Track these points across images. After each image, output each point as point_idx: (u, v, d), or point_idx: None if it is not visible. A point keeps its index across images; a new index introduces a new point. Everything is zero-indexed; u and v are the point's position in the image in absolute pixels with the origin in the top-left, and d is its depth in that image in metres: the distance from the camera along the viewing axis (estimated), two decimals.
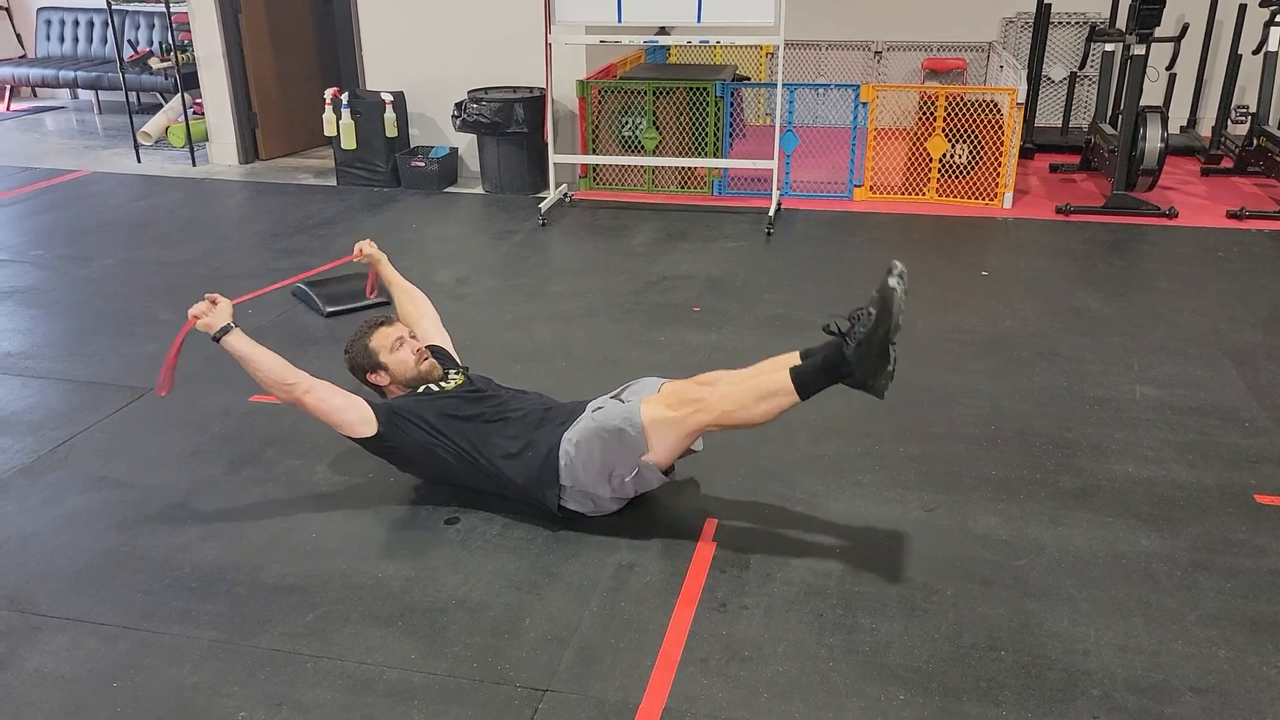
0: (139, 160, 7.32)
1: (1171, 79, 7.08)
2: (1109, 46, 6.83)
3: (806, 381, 2.66)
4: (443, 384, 3.00)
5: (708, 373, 2.95)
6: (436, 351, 3.20)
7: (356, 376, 3.06)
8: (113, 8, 7.51)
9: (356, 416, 2.81)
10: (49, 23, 9.12)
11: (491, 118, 6.15)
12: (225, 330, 2.79)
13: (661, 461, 2.75)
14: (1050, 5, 7.13)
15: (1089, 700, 2.20)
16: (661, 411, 2.70)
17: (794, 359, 2.75)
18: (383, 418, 2.83)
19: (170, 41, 7.58)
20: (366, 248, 3.52)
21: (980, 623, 2.45)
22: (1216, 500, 2.96)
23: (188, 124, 7.19)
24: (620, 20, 5.63)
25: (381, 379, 3.00)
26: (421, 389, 2.97)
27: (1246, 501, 2.95)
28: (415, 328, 3.33)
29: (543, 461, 2.77)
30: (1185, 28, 6.55)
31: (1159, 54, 6.58)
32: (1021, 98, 5.91)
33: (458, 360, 3.28)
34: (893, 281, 2.53)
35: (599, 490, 2.76)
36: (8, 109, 9.24)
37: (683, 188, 6.49)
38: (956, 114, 6.05)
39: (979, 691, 2.23)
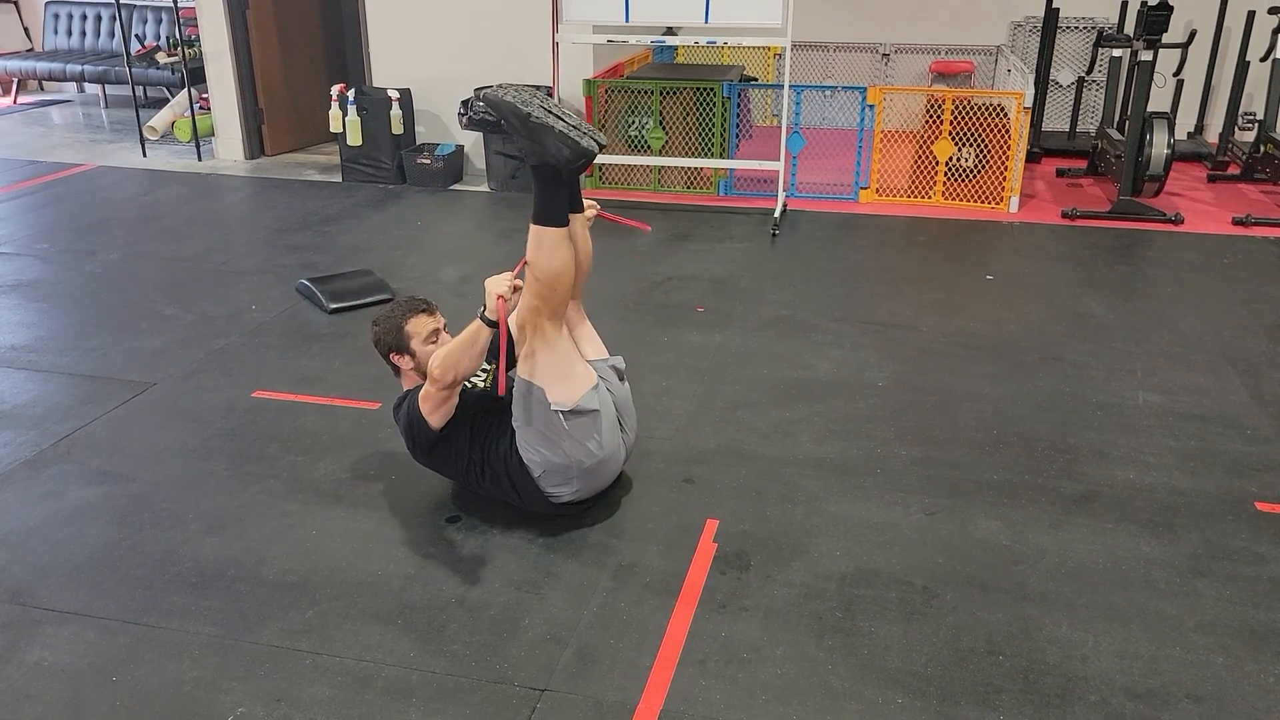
0: (145, 155, 7.33)
1: (1179, 85, 7.07)
2: (1116, 52, 6.82)
3: (536, 210, 2.65)
4: (476, 381, 2.97)
5: None
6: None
7: (378, 350, 2.96)
8: (120, 2, 7.52)
9: (448, 412, 2.75)
10: (56, 16, 9.14)
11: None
12: (493, 324, 2.61)
13: (572, 390, 2.68)
14: (1058, 10, 7.12)
15: (1086, 706, 2.20)
16: (523, 356, 2.70)
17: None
18: (453, 419, 2.79)
19: (177, 36, 7.59)
20: (590, 212, 2.99)
21: (979, 627, 2.45)
22: (1217, 507, 2.96)
23: (194, 119, 7.20)
24: (628, 20, 5.63)
25: (404, 363, 2.94)
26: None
27: (1247, 509, 2.95)
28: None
29: (518, 466, 2.77)
30: (1193, 34, 6.55)
31: (1166, 60, 6.59)
32: (1029, 102, 5.90)
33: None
34: (488, 91, 2.63)
35: (565, 454, 2.70)
36: (14, 102, 9.26)
37: (689, 188, 6.49)
38: (963, 117, 6.04)
39: (977, 696, 2.23)
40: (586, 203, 2.97)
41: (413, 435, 2.81)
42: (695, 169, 6.43)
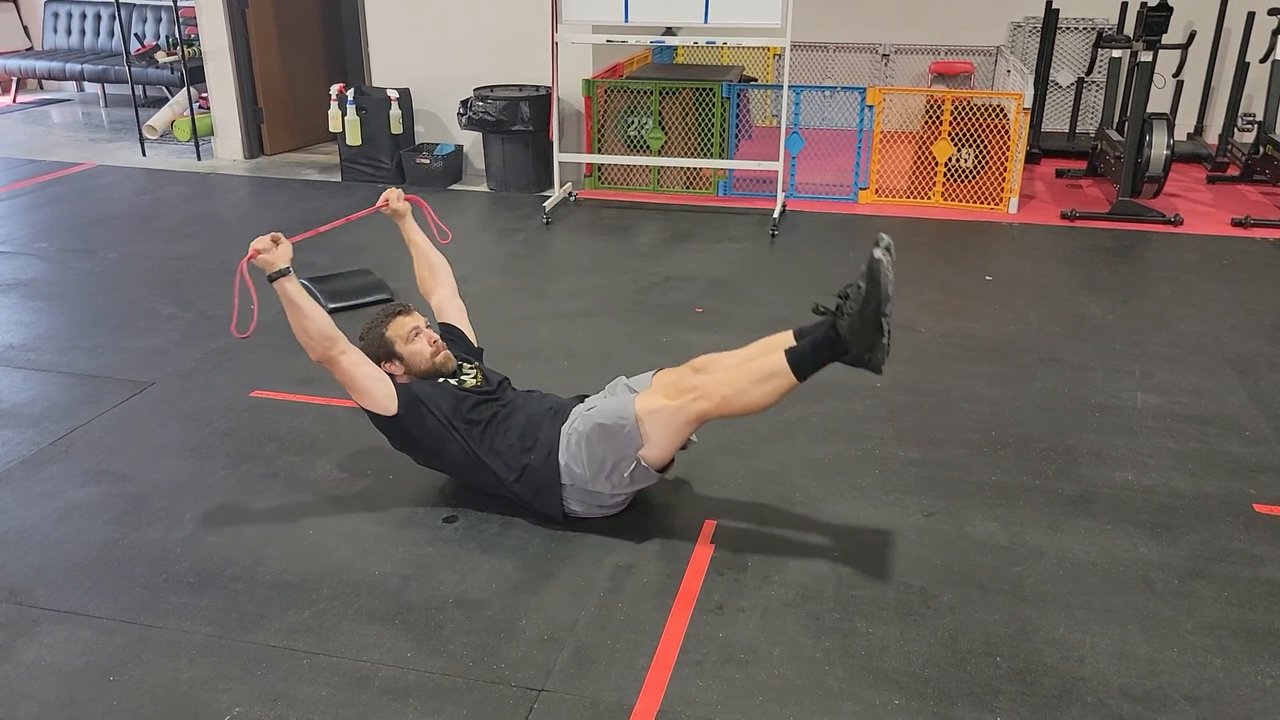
0: (144, 154, 7.34)
1: (1178, 86, 7.07)
2: (1116, 53, 6.82)
3: (801, 361, 2.62)
4: (461, 378, 2.98)
5: (700, 357, 2.93)
6: (452, 333, 3.18)
7: None
8: (120, 1, 7.52)
9: (383, 392, 2.79)
10: (56, 15, 9.14)
11: (497, 116, 6.15)
12: (284, 272, 2.69)
13: (659, 455, 2.72)
14: (1058, 11, 7.12)
15: (1084, 707, 2.20)
16: (658, 401, 2.69)
17: (788, 339, 2.73)
18: (403, 399, 2.81)
19: (177, 35, 7.58)
20: (393, 200, 3.25)
21: (977, 628, 2.45)
22: (1215, 509, 2.96)
23: (193, 118, 7.20)
24: (627, 20, 5.63)
25: (395, 369, 2.96)
26: (440, 380, 2.95)
27: (1245, 511, 2.95)
28: (430, 296, 3.29)
29: (543, 463, 2.78)
30: (1193, 35, 6.55)
31: (1166, 61, 6.59)
32: (1028, 103, 5.91)
33: (473, 341, 3.24)
34: (878, 253, 2.50)
35: (598, 488, 2.76)
36: (14, 101, 9.26)
37: (688, 188, 6.49)
38: (963, 118, 6.05)
39: (974, 697, 2.23)
40: (396, 193, 3.22)
41: (383, 432, 2.87)
42: (694, 169, 6.43)
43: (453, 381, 2.94)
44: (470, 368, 3.05)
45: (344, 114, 6.49)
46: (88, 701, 2.20)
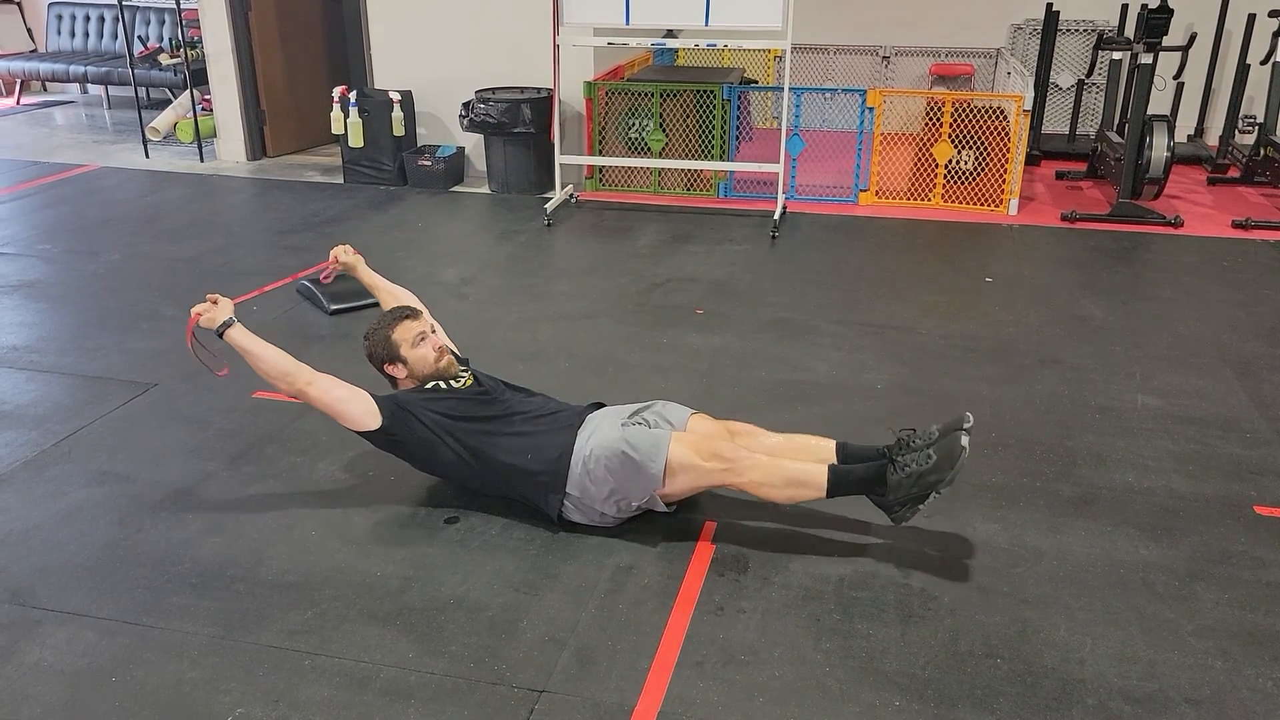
0: (147, 156, 7.35)
1: (1179, 88, 7.08)
2: (1117, 55, 6.82)
3: (838, 486, 2.71)
4: (453, 382, 3.00)
5: (738, 422, 2.98)
6: None
7: (373, 365, 3.03)
8: (123, 3, 7.54)
9: (360, 409, 2.81)
10: (60, 17, 9.16)
11: (499, 118, 6.16)
12: (227, 325, 2.84)
13: (672, 495, 2.79)
14: (1059, 13, 7.12)
15: (1084, 709, 2.20)
16: (690, 458, 2.72)
17: (830, 450, 2.86)
18: (387, 411, 2.83)
19: (180, 38, 7.60)
20: (342, 255, 3.36)
21: (977, 630, 2.45)
22: (1216, 511, 2.96)
23: (196, 120, 7.22)
24: (628, 22, 5.64)
25: (398, 371, 2.98)
26: (430, 385, 2.96)
27: (1246, 513, 2.95)
28: None
29: (550, 466, 2.78)
30: (1193, 37, 6.55)
31: (1167, 63, 6.59)
32: (1029, 104, 5.91)
33: (458, 354, 3.29)
34: (965, 440, 2.61)
35: (604, 509, 2.79)
36: (18, 103, 9.27)
37: (689, 190, 6.50)
38: (963, 120, 6.05)
39: (974, 699, 2.23)
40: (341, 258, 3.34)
41: (376, 445, 2.90)
42: (695, 171, 6.44)
43: (443, 385, 2.96)
44: (464, 371, 3.07)
45: (346, 116, 6.50)
46: (90, 703, 2.21)
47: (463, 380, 3.01)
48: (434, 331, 3.04)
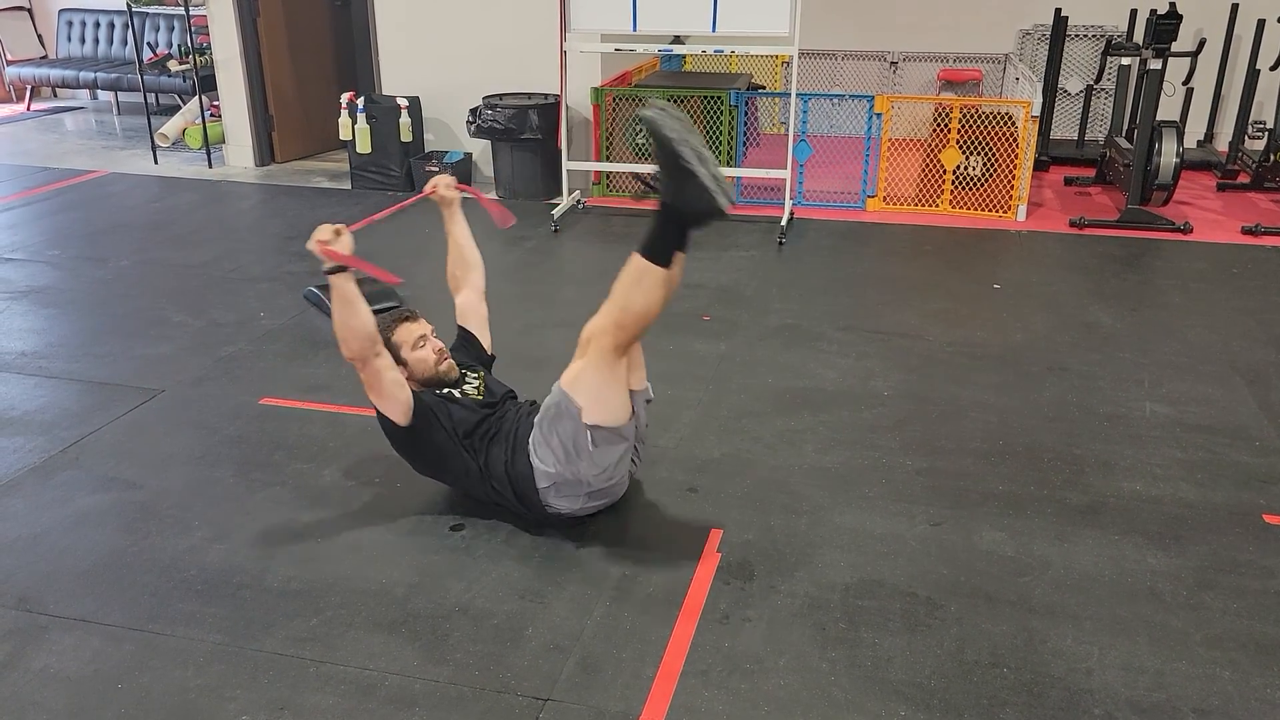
0: (156, 161, 7.38)
1: (1188, 94, 7.05)
2: (1125, 60, 6.81)
3: (650, 247, 2.61)
4: (463, 388, 2.99)
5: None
6: (466, 338, 3.22)
7: None
8: (133, 10, 7.57)
9: (404, 399, 2.78)
10: (70, 24, 9.20)
11: (506, 124, 6.17)
12: (342, 269, 2.61)
13: (606, 411, 2.70)
14: (1067, 18, 7.11)
15: (1091, 719, 2.19)
16: (573, 368, 2.72)
17: None
18: (417, 411, 2.81)
19: (189, 44, 7.64)
20: (441, 187, 3.22)
21: (983, 639, 2.44)
22: (1225, 520, 2.94)
23: (205, 126, 7.25)
24: (635, 28, 5.64)
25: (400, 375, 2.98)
26: (445, 391, 2.96)
27: (1255, 521, 2.93)
28: (456, 294, 3.30)
29: (517, 462, 2.78)
30: (1202, 43, 6.53)
31: (1176, 68, 6.56)
32: (1037, 110, 5.90)
33: (487, 349, 3.26)
34: (649, 113, 2.51)
35: (579, 474, 2.72)
36: (28, 109, 9.32)
37: None
38: (971, 126, 6.04)
39: (981, 709, 2.22)
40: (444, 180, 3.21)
41: (390, 437, 2.87)
42: None
43: (456, 393, 2.95)
44: (474, 376, 3.05)
45: (354, 122, 6.52)
46: (96, 709, 2.22)
47: (473, 386, 3.00)
48: (435, 335, 3.03)
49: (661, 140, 2.51)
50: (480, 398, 2.98)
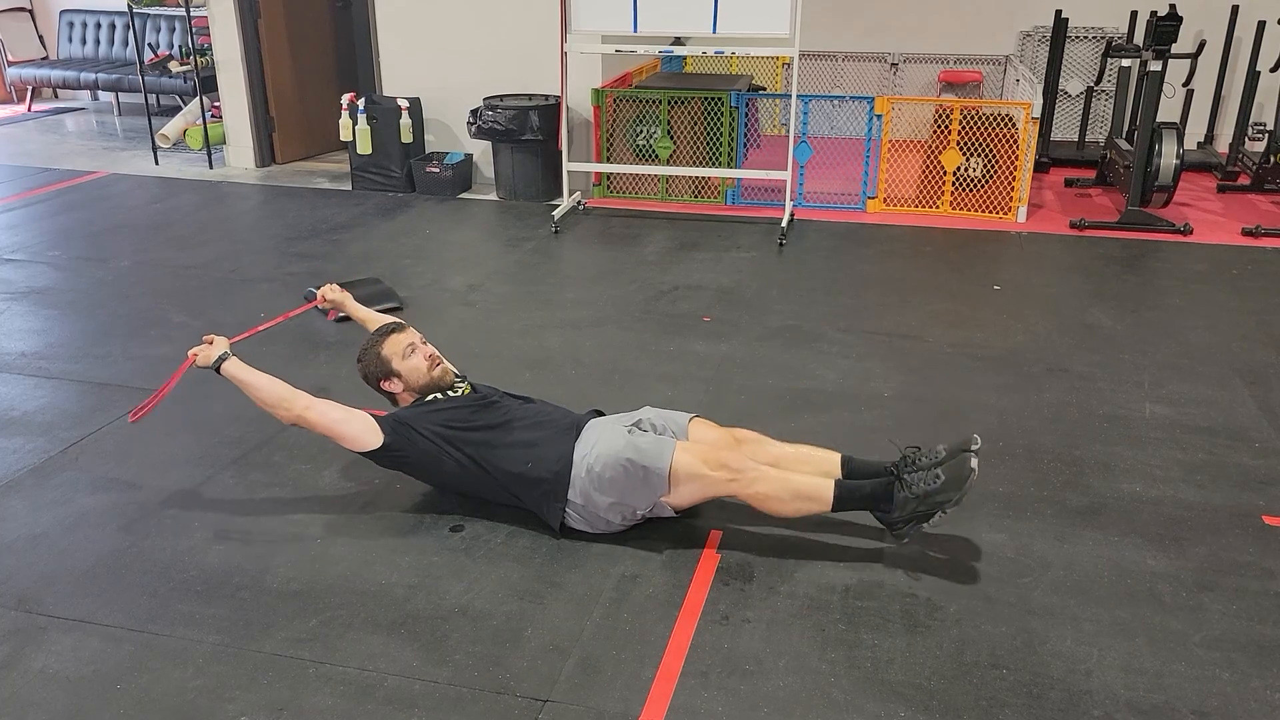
0: (157, 162, 7.38)
1: (1188, 95, 7.05)
2: (1126, 62, 6.81)
3: (844, 502, 2.72)
4: (450, 392, 3.01)
5: (744, 430, 2.96)
6: None
7: (370, 385, 3.06)
8: (134, 11, 7.58)
9: (359, 427, 2.83)
10: (71, 25, 9.21)
11: (506, 125, 6.17)
12: (223, 359, 2.90)
13: (678, 504, 2.78)
14: (1067, 20, 7.11)
15: None
16: (697, 466, 2.71)
17: (835, 463, 2.84)
18: (388, 428, 2.84)
19: (190, 45, 7.64)
20: (329, 293, 3.46)
21: (983, 640, 2.44)
22: (1224, 521, 2.94)
23: (205, 127, 7.25)
24: (636, 30, 5.65)
25: (394, 386, 3.00)
26: (430, 398, 2.97)
27: (1255, 523, 2.93)
28: None
29: (552, 474, 2.78)
30: (1203, 44, 6.53)
31: (1176, 70, 6.57)
32: (1037, 112, 5.90)
33: (456, 371, 3.30)
34: (974, 463, 2.61)
35: (609, 516, 2.79)
36: (29, 110, 9.33)
37: (696, 197, 6.50)
38: (972, 127, 6.04)
39: (980, 710, 2.22)
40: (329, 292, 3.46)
41: (376, 461, 2.91)
42: (703, 178, 6.44)
43: (441, 397, 2.97)
44: (461, 381, 3.08)
45: (355, 123, 6.53)
46: (94, 710, 2.22)
47: (460, 390, 3.02)
48: (424, 342, 3.05)
49: (952, 497, 2.62)
50: (468, 394, 3.00)
